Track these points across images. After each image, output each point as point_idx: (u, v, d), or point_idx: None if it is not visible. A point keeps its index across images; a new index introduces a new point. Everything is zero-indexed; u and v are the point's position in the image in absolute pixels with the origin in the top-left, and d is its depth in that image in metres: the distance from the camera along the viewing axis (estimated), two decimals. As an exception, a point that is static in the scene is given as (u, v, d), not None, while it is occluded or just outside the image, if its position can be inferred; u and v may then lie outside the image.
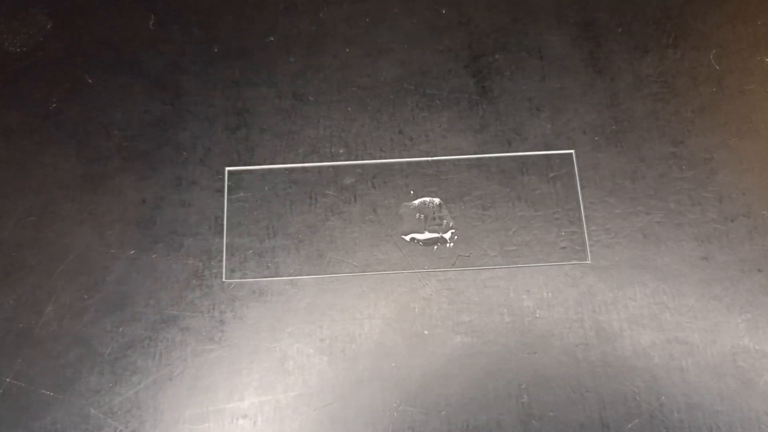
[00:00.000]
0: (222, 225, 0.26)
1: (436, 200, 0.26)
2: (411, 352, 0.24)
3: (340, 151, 0.27)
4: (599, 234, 0.26)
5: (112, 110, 0.27)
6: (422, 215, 0.26)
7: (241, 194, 0.26)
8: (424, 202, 0.26)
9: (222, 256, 0.26)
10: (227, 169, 0.26)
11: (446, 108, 0.28)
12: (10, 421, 0.24)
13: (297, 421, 0.24)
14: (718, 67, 0.28)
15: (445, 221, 0.26)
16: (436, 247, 0.26)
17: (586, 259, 0.25)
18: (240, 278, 0.25)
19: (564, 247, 0.26)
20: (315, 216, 0.26)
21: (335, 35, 0.29)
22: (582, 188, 0.26)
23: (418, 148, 0.27)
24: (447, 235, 0.26)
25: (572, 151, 0.27)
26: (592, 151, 0.27)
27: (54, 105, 0.28)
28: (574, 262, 0.25)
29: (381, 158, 0.27)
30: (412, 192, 0.27)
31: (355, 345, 0.25)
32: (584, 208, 0.26)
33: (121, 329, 0.25)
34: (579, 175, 0.27)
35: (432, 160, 0.27)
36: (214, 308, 0.25)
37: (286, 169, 0.27)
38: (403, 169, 0.27)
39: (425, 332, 0.25)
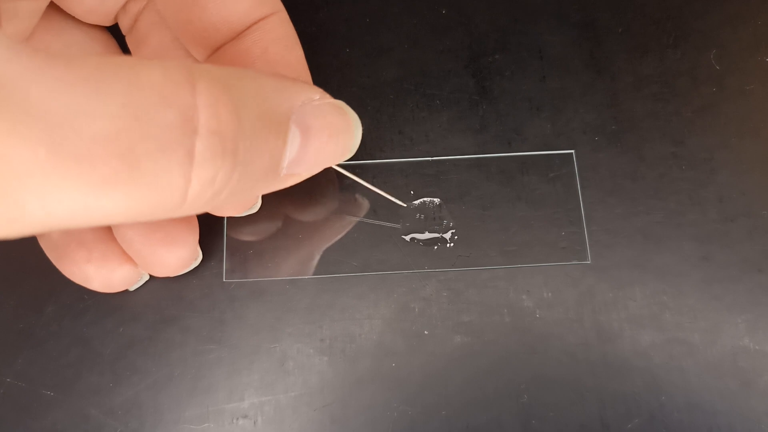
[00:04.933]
0: (222, 225, 0.26)
1: (436, 200, 0.26)
2: (411, 352, 0.24)
3: (340, 151, 0.27)
4: (599, 234, 0.26)
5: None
6: (422, 215, 0.26)
7: (241, 194, 0.26)
8: (424, 202, 0.26)
9: (222, 256, 0.26)
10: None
11: (446, 108, 0.28)
12: (10, 421, 0.24)
13: (297, 421, 0.24)
14: (718, 67, 0.28)
15: (445, 221, 0.26)
16: (436, 247, 0.26)
17: (586, 259, 0.25)
18: (240, 278, 0.25)
19: (564, 247, 0.26)
20: (315, 216, 0.26)
21: (335, 35, 0.29)
22: (582, 188, 0.26)
23: (418, 148, 0.27)
24: (447, 235, 0.26)
25: (572, 151, 0.27)
26: (592, 151, 0.27)
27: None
28: (574, 262, 0.25)
29: (381, 158, 0.27)
30: (412, 192, 0.27)
31: (355, 345, 0.25)
32: (584, 208, 0.26)
33: (121, 329, 0.25)
34: (579, 175, 0.27)
35: (432, 160, 0.27)
36: (214, 308, 0.25)
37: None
38: (403, 169, 0.27)
39: (425, 332, 0.25)
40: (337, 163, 0.19)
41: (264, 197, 0.26)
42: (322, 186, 0.27)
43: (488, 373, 0.24)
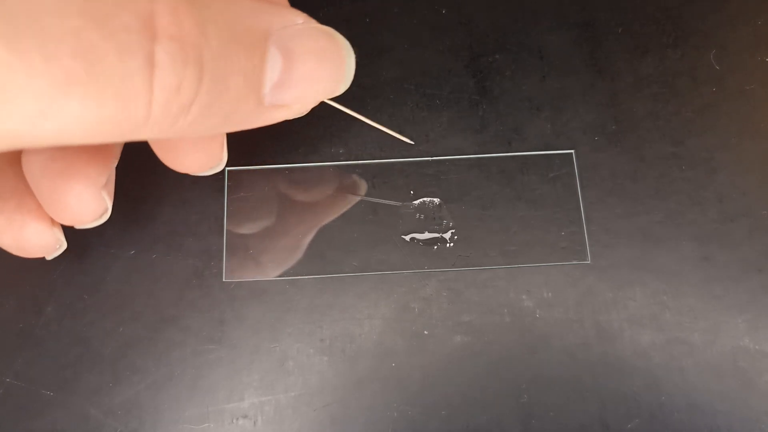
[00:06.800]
0: (222, 225, 0.26)
1: (436, 200, 0.26)
2: (411, 352, 0.24)
3: (340, 151, 0.27)
4: (599, 234, 0.26)
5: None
6: (422, 215, 0.26)
7: (241, 194, 0.26)
8: (424, 202, 0.26)
9: (222, 256, 0.26)
10: (227, 168, 0.26)
11: (446, 108, 0.28)
12: (10, 421, 0.24)
13: (297, 421, 0.24)
14: (718, 67, 0.28)
15: (445, 221, 0.26)
16: (436, 247, 0.26)
17: (586, 259, 0.25)
18: (240, 278, 0.25)
19: (564, 247, 0.26)
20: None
21: (335, 35, 0.29)
22: (582, 188, 0.26)
23: (418, 148, 0.27)
24: (447, 235, 0.26)
25: (572, 151, 0.27)
26: (592, 151, 0.27)
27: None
28: (574, 262, 0.25)
29: (381, 158, 0.27)
30: (412, 192, 0.27)
31: (355, 345, 0.25)
32: (584, 208, 0.26)
33: (121, 329, 0.25)
34: (579, 175, 0.27)
35: (432, 160, 0.27)
36: (214, 308, 0.25)
37: (286, 168, 0.27)
38: (403, 169, 0.27)
39: (425, 332, 0.25)
40: (329, 96, 0.18)
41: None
42: (322, 186, 0.27)
43: (488, 373, 0.24)
